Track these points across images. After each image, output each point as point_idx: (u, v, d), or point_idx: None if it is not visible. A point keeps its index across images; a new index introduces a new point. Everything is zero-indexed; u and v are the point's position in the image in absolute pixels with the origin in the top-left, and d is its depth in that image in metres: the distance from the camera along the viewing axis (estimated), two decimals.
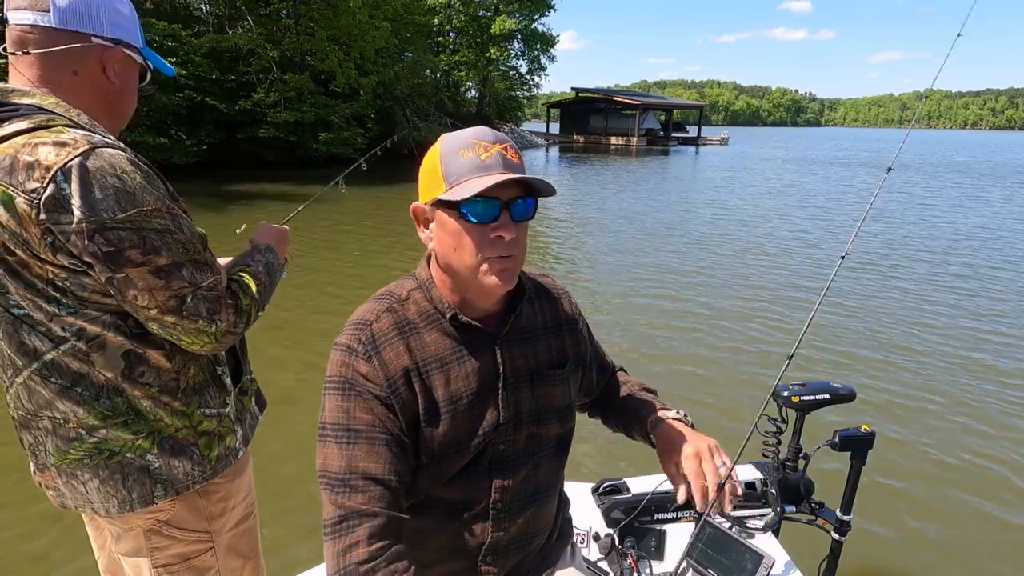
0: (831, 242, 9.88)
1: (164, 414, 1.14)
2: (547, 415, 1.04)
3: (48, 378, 1.07)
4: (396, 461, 0.92)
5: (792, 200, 15.14)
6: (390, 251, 8.61)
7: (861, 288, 7.11)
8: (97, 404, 1.09)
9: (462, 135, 0.91)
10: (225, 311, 1.11)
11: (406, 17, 24.22)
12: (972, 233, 10.86)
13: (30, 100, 1.03)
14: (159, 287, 1.03)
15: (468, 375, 0.97)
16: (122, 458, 1.12)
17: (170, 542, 1.23)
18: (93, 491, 1.14)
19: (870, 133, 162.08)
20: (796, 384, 1.88)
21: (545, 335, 1.07)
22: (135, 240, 1.00)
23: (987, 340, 5.43)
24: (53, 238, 0.97)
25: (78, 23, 1.05)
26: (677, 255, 8.75)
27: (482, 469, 0.99)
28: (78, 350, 1.06)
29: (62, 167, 0.95)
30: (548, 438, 1.06)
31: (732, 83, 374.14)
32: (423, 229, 0.97)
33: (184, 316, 1.06)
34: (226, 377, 1.26)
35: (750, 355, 5.07)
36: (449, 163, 0.89)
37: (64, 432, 1.10)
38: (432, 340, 0.97)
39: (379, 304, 0.98)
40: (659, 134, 47.51)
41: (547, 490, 1.09)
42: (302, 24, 20.35)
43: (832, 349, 5.18)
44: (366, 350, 0.93)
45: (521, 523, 1.05)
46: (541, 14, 36.62)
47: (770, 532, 1.85)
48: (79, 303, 1.04)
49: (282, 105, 18.57)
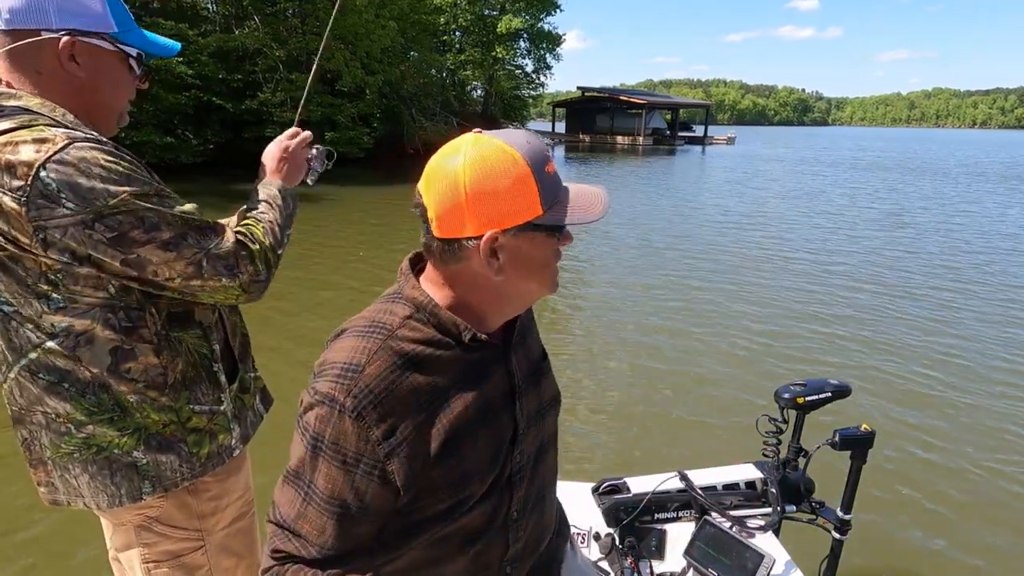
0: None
1: (151, 410, 1.14)
2: (547, 408, 1.02)
3: (36, 374, 1.08)
4: (346, 535, 0.81)
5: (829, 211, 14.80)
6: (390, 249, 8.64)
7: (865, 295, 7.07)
8: (83, 400, 1.09)
9: (534, 147, 0.79)
10: (242, 263, 1.13)
11: (412, 16, 24.23)
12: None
13: (16, 102, 1.03)
14: (172, 259, 1.05)
15: (485, 394, 0.88)
16: (110, 453, 1.13)
17: (159, 539, 1.23)
18: (83, 485, 1.15)
19: (879, 132, 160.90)
20: (797, 385, 1.87)
21: (530, 330, 1.04)
22: (134, 221, 1.01)
23: (988, 340, 5.40)
24: (45, 234, 0.97)
25: (23, 19, 1.03)
26: (687, 260, 8.72)
27: (502, 485, 0.91)
28: (65, 346, 1.06)
29: (44, 163, 0.95)
30: (548, 432, 1.03)
31: (738, 82, 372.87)
32: (492, 260, 0.80)
33: (207, 278, 1.09)
34: (220, 374, 1.24)
35: (749, 354, 5.07)
36: (543, 182, 0.79)
37: (56, 427, 1.12)
38: (440, 368, 0.83)
39: (368, 341, 0.81)
40: (665, 133, 47.31)
41: (551, 486, 1.06)
42: (308, 23, 20.39)
43: (832, 348, 5.17)
44: (356, 406, 0.76)
45: (533, 525, 1.00)
46: (547, 13, 36.59)
47: (770, 531, 1.85)
48: (70, 296, 1.04)
49: (288, 104, 18.63)
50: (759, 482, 1.99)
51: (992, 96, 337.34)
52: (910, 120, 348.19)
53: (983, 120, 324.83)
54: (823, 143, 58.86)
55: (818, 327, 5.72)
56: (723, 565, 1.55)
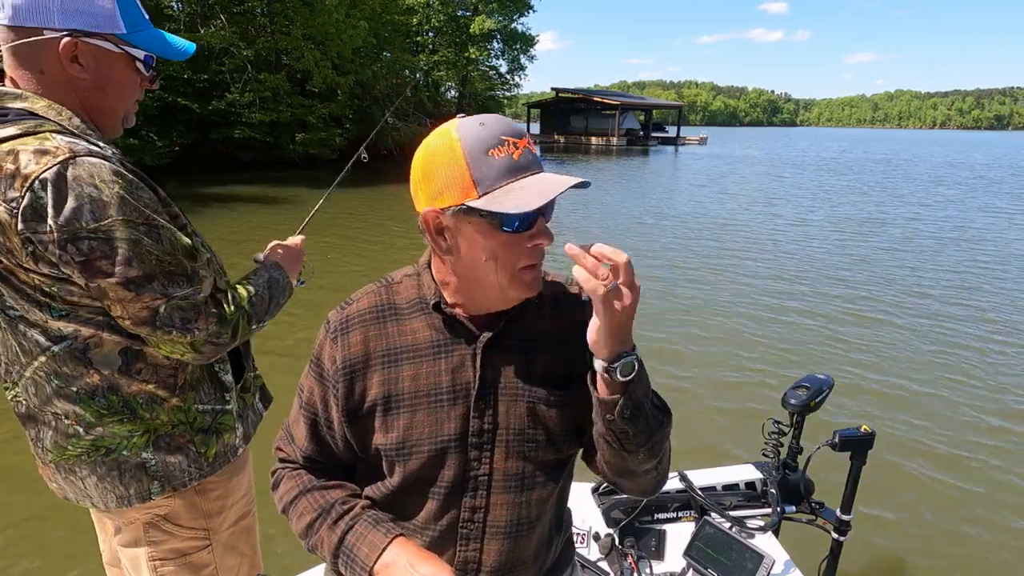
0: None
1: (160, 411, 1.15)
2: (541, 437, 0.91)
3: (47, 376, 1.09)
4: (319, 442, 0.97)
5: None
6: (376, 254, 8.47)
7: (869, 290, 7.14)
8: (92, 402, 1.10)
9: (486, 130, 0.79)
10: (204, 320, 1.08)
11: (384, 16, 24.04)
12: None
13: (22, 104, 1.02)
14: (129, 299, 1.02)
15: (440, 372, 0.89)
16: (119, 455, 1.14)
17: (167, 537, 1.25)
18: (91, 487, 1.16)
19: (846, 133, 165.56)
20: (801, 388, 1.89)
21: (549, 346, 0.93)
22: (106, 250, 0.99)
23: (989, 342, 5.42)
24: (33, 247, 0.97)
25: (26, 17, 1.01)
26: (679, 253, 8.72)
27: (449, 483, 0.90)
28: (75, 349, 1.07)
29: (39, 176, 0.94)
30: (541, 464, 0.93)
31: (710, 83, 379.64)
32: (440, 239, 0.84)
33: (157, 327, 1.05)
34: (225, 374, 1.25)
35: (750, 354, 5.05)
36: (479, 165, 0.77)
37: (63, 428, 1.12)
38: (412, 328, 0.91)
39: (371, 285, 0.97)
40: (639, 134, 47.93)
41: (537, 520, 0.95)
42: (277, 22, 20.11)
43: (830, 347, 5.20)
44: (335, 329, 0.93)
45: (498, 551, 0.92)
46: (520, 14, 36.66)
47: (770, 532, 1.85)
48: (70, 307, 1.05)
49: (257, 105, 18.29)
50: (759, 482, 2.01)
51: (951, 98, 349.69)
52: (874, 121, 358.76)
53: (943, 121, 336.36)
54: (811, 143, 60.15)
55: (809, 322, 5.77)
56: (723, 565, 1.54)
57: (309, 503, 0.94)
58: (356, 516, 0.92)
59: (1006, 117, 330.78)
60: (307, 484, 0.96)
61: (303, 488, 0.96)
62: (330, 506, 0.93)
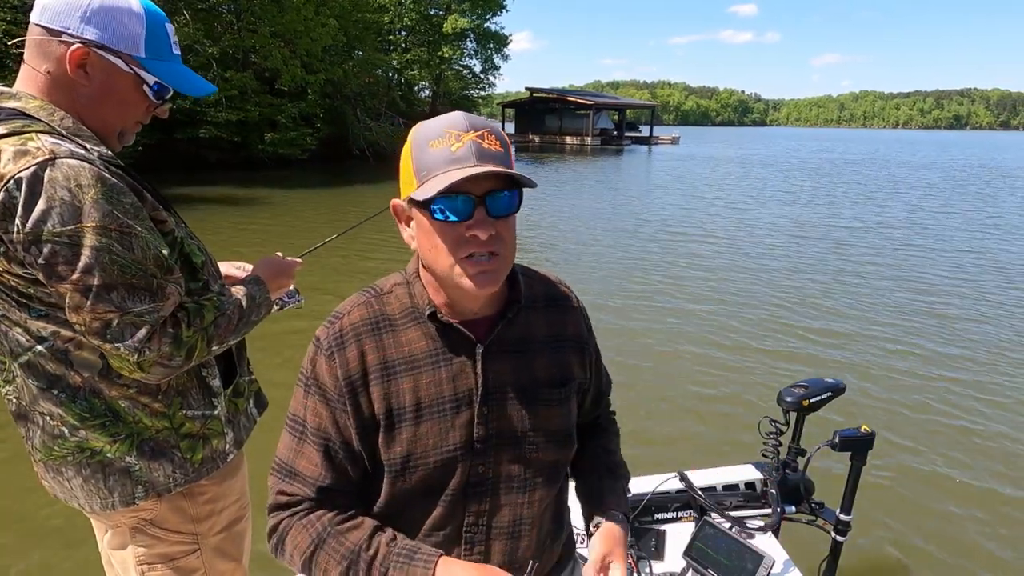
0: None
1: (143, 415, 1.14)
2: (540, 438, 0.94)
3: (31, 376, 1.10)
4: (334, 468, 0.90)
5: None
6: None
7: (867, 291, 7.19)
8: (74, 405, 1.10)
9: (435, 123, 0.83)
10: (157, 340, 1.05)
11: (354, 14, 23.69)
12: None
13: (15, 103, 1.04)
14: (85, 307, 1.00)
15: (441, 382, 0.90)
16: (103, 458, 1.14)
17: (154, 541, 1.24)
18: (77, 488, 1.16)
19: (815, 132, 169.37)
20: (799, 387, 1.87)
21: (545, 349, 0.97)
22: (68, 256, 0.98)
23: (990, 342, 5.39)
24: (5, 247, 0.98)
25: (51, 19, 1.05)
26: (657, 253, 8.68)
27: (455, 489, 0.91)
28: (56, 350, 1.07)
29: (15, 176, 0.95)
30: (542, 464, 0.96)
31: (682, 84, 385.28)
32: (405, 227, 0.90)
33: (107, 340, 1.02)
34: (212, 379, 1.24)
35: (749, 354, 5.00)
36: (420, 156, 0.81)
37: (49, 428, 1.13)
38: (408, 339, 0.91)
39: (359, 296, 0.94)
40: (613, 133, 48.29)
41: (538, 521, 0.98)
42: (244, 20, 19.68)
43: (828, 346, 5.18)
44: (330, 346, 0.90)
45: (502, 552, 0.95)
46: (493, 13, 36.57)
47: (770, 532, 1.83)
48: (48, 308, 1.04)
49: (224, 104, 17.84)
50: (759, 483, 2.01)
51: (912, 98, 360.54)
52: (840, 121, 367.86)
53: (905, 121, 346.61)
54: (787, 143, 61.21)
55: (811, 323, 5.77)
56: (722, 565, 1.54)
57: (330, 555, 0.86)
58: (386, 559, 0.85)
59: (964, 117, 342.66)
60: (320, 533, 0.88)
61: (317, 539, 0.87)
62: (355, 556, 0.86)
